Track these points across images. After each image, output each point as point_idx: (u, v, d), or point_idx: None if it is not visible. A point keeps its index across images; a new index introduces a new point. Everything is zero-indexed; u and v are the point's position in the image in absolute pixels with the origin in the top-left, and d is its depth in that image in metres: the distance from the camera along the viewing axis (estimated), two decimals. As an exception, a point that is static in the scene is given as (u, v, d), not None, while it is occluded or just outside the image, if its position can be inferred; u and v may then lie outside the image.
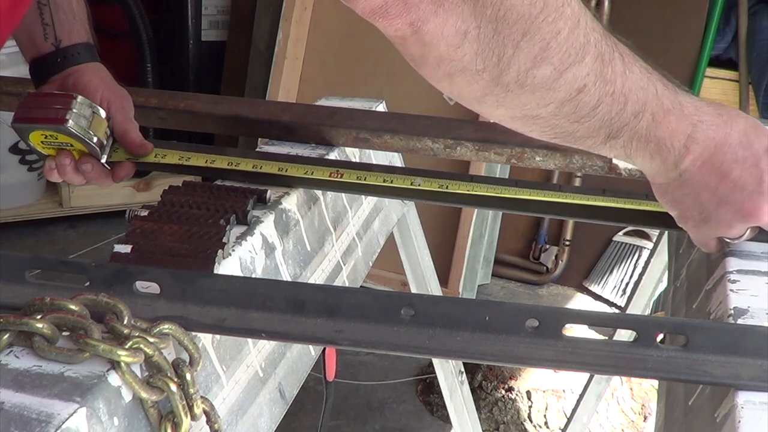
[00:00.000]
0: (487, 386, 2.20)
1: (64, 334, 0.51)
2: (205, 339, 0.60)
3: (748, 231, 0.68)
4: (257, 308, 0.58)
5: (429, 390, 2.28)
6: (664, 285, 1.30)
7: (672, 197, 0.66)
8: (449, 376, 1.53)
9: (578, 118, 0.56)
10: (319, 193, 0.87)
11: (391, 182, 0.81)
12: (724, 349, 0.54)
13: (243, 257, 0.70)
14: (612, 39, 0.55)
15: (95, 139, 0.79)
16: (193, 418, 0.53)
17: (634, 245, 2.75)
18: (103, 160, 0.81)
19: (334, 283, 0.87)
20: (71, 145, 0.79)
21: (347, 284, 0.91)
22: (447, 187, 0.81)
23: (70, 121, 0.76)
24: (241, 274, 0.69)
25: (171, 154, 0.84)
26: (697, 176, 0.63)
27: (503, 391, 2.19)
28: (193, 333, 0.57)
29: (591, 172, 0.87)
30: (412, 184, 0.81)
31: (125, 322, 0.52)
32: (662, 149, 0.61)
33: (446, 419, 1.80)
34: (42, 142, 0.79)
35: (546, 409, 2.15)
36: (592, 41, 0.52)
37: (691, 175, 0.63)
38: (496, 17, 0.48)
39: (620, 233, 2.78)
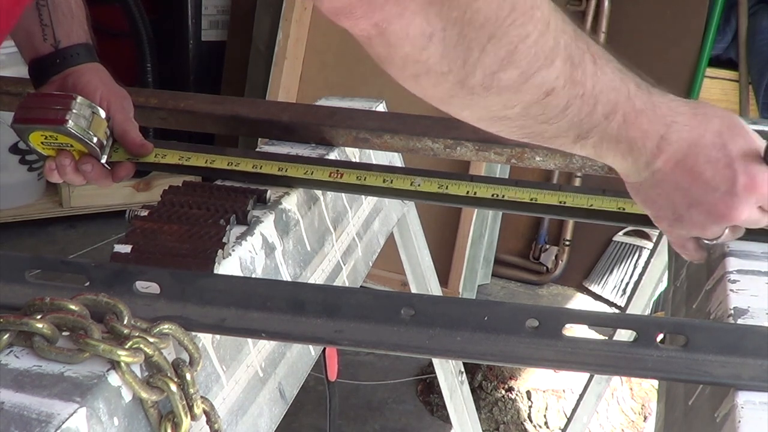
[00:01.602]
0: (487, 386, 2.20)
1: (64, 334, 0.51)
2: (205, 339, 0.60)
3: (727, 231, 0.67)
4: (257, 308, 0.58)
5: (429, 390, 2.28)
6: (664, 285, 1.29)
7: (645, 196, 0.66)
8: (449, 376, 1.53)
9: (546, 119, 0.55)
10: (319, 193, 0.87)
11: (391, 182, 0.81)
12: (724, 349, 0.54)
13: (243, 257, 0.70)
14: (584, 40, 0.55)
15: (95, 140, 0.79)
16: (193, 418, 0.53)
17: (634, 245, 2.75)
18: (103, 161, 0.81)
19: (334, 283, 0.87)
20: (71, 146, 0.79)
21: (347, 284, 0.91)
22: (447, 188, 0.81)
23: (70, 121, 0.76)
24: (241, 274, 0.69)
25: (171, 154, 0.84)
26: (670, 177, 0.63)
27: (503, 391, 2.19)
28: (193, 333, 0.57)
29: (591, 172, 0.87)
30: (411, 185, 0.81)
31: (125, 322, 0.52)
32: (634, 149, 0.61)
33: (446, 419, 1.80)
34: (42, 142, 0.79)
35: (546, 409, 2.15)
36: (562, 44, 0.52)
37: (663, 176, 0.63)
38: (462, 20, 0.48)
39: (620, 233, 2.78)
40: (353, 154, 1.01)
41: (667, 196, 0.64)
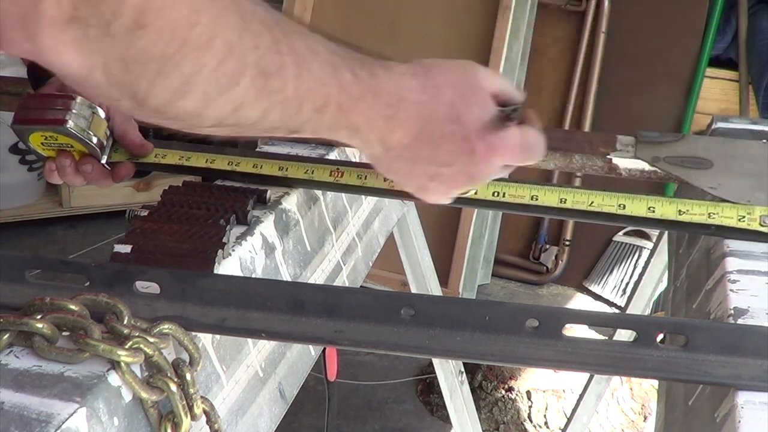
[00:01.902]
0: (487, 386, 2.20)
1: (64, 334, 0.51)
2: (205, 339, 0.60)
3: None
4: (257, 308, 0.58)
5: (429, 390, 2.28)
6: (664, 285, 1.30)
7: (387, 168, 0.66)
8: (449, 376, 1.53)
9: (246, 127, 0.55)
10: (319, 193, 0.87)
11: (392, 182, 0.81)
12: (724, 349, 0.54)
13: (243, 257, 0.70)
14: (288, 43, 0.53)
15: (95, 140, 0.79)
16: (193, 418, 0.53)
17: (634, 245, 2.75)
18: (104, 161, 0.81)
19: (334, 283, 0.87)
20: (71, 146, 0.79)
21: (347, 284, 0.91)
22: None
23: (70, 121, 0.76)
24: (241, 274, 0.69)
25: (171, 154, 0.84)
26: (406, 153, 0.63)
27: (503, 391, 2.19)
28: (193, 333, 0.57)
29: (591, 172, 0.87)
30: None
31: (125, 322, 0.52)
32: (359, 132, 0.60)
33: (446, 419, 1.80)
34: (42, 143, 0.79)
35: (546, 409, 2.15)
36: (251, 62, 0.50)
37: (399, 152, 0.63)
38: (124, 57, 0.46)
39: (620, 233, 2.78)
40: (353, 153, 1.01)
41: (408, 170, 0.64)
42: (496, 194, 0.80)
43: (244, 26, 0.50)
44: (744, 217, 0.75)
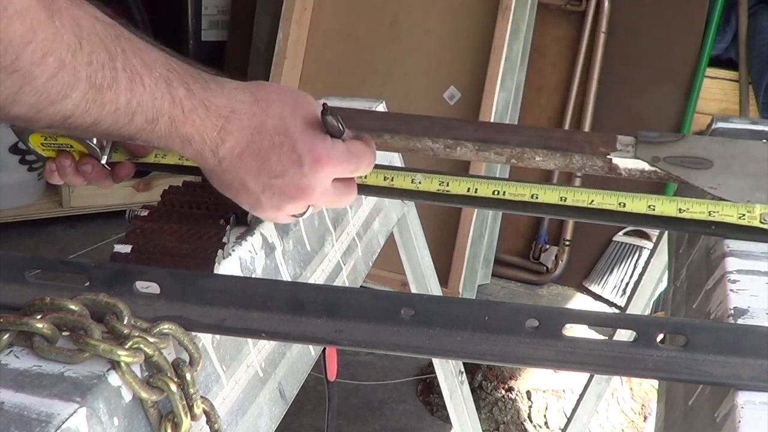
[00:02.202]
0: (487, 386, 2.20)
1: (64, 334, 0.51)
2: (205, 339, 0.60)
3: (310, 208, 0.71)
4: (257, 308, 0.58)
5: (429, 390, 2.28)
6: (664, 285, 1.30)
7: (220, 181, 0.68)
8: (449, 376, 1.53)
9: (78, 132, 0.59)
10: (319, 193, 0.87)
11: (392, 180, 0.81)
12: (724, 349, 0.54)
13: (243, 257, 0.70)
14: (123, 59, 0.57)
15: (95, 140, 0.79)
16: (193, 418, 0.53)
17: (634, 245, 2.75)
18: (104, 161, 0.81)
19: (334, 283, 0.87)
20: (71, 146, 0.79)
21: (347, 284, 0.91)
22: (448, 184, 0.81)
23: None
24: (241, 274, 0.69)
25: (170, 154, 0.84)
26: (238, 163, 0.65)
27: (503, 391, 2.19)
28: (193, 333, 0.57)
29: (591, 172, 0.87)
30: (413, 182, 0.81)
31: (125, 322, 0.52)
32: (192, 142, 0.64)
33: (446, 419, 1.80)
34: (42, 143, 0.79)
35: (546, 409, 2.15)
36: (84, 77, 0.54)
37: (231, 162, 0.66)
38: None
39: (620, 233, 2.78)
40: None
41: (240, 181, 0.67)
42: (496, 192, 0.80)
43: (79, 44, 0.54)
44: (744, 215, 0.75)
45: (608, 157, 0.85)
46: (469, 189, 0.81)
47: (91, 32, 0.55)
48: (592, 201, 0.78)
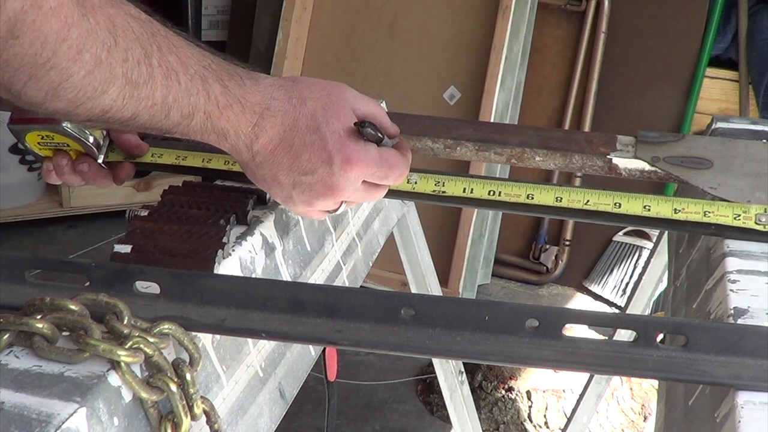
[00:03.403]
0: (487, 386, 2.20)
1: (64, 334, 0.51)
2: (205, 339, 0.60)
3: (342, 204, 0.72)
4: (257, 308, 0.58)
5: (429, 390, 2.28)
6: (664, 285, 1.30)
7: (254, 175, 0.69)
8: (449, 376, 1.53)
9: (116, 124, 0.60)
10: (319, 193, 0.87)
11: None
12: (724, 349, 0.54)
13: (243, 257, 0.70)
14: (159, 57, 0.58)
15: (91, 139, 0.79)
16: (193, 418, 0.53)
17: (634, 245, 2.75)
18: (100, 160, 0.81)
19: (334, 283, 0.87)
20: (68, 146, 0.79)
21: (347, 284, 0.91)
22: (444, 184, 0.81)
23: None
24: (241, 274, 0.69)
25: (167, 153, 0.84)
26: (270, 158, 0.67)
27: (503, 391, 2.19)
28: (193, 333, 0.57)
29: (591, 172, 0.87)
30: (408, 182, 0.81)
31: (125, 322, 0.52)
32: (227, 137, 0.65)
33: (446, 419, 1.80)
34: (39, 143, 0.79)
35: (546, 409, 2.15)
36: (120, 73, 0.56)
37: (264, 158, 0.67)
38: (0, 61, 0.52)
39: (620, 233, 2.78)
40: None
41: (273, 176, 0.68)
42: (492, 193, 0.80)
43: (114, 41, 0.55)
44: (739, 215, 0.75)
45: (608, 157, 0.85)
46: (465, 189, 0.81)
47: (126, 30, 0.56)
48: (588, 201, 0.78)
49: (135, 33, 0.57)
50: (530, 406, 2.16)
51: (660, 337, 0.55)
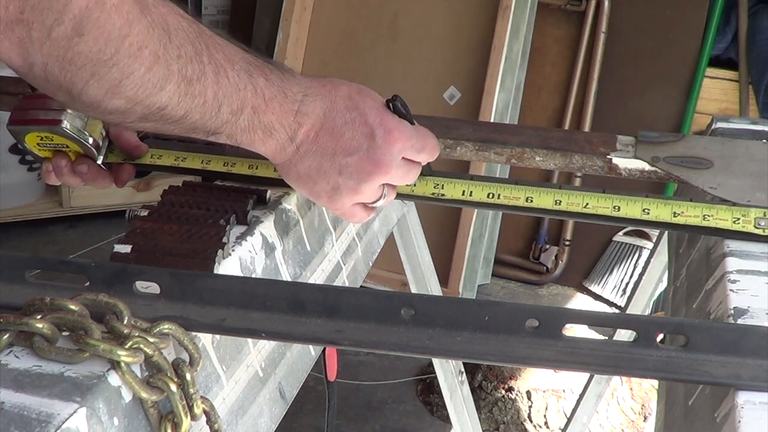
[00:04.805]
0: (487, 386, 2.20)
1: (64, 334, 0.51)
2: (205, 339, 0.60)
3: (385, 191, 0.73)
4: (257, 308, 0.58)
5: (429, 390, 2.28)
6: (664, 285, 1.30)
7: (297, 174, 0.70)
8: (449, 376, 1.53)
9: (168, 124, 0.60)
10: (319, 193, 0.87)
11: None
12: (724, 349, 0.54)
13: (243, 257, 0.70)
14: (208, 54, 0.60)
15: (91, 140, 0.79)
16: (193, 418, 0.53)
17: (634, 245, 2.75)
18: (99, 161, 0.81)
19: (334, 283, 0.87)
20: (67, 147, 0.79)
21: (347, 284, 0.91)
22: (443, 187, 0.81)
23: (65, 121, 0.76)
24: (241, 274, 0.69)
25: (167, 155, 0.84)
26: (314, 146, 0.68)
27: (503, 391, 2.19)
28: (193, 333, 0.57)
29: (591, 172, 0.87)
30: (407, 185, 0.81)
31: (125, 322, 0.52)
32: (273, 131, 0.66)
33: (446, 419, 1.80)
34: (38, 144, 0.79)
35: (546, 409, 2.15)
36: (176, 70, 0.57)
37: (308, 147, 0.68)
38: (63, 59, 0.52)
39: (620, 233, 2.78)
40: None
41: (317, 167, 0.69)
42: (491, 195, 0.80)
43: (169, 39, 0.56)
44: (739, 219, 0.75)
45: (608, 157, 0.85)
46: (464, 192, 0.81)
47: (178, 28, 0.57)
48: (587, 204, 0.78)
49: (185, 31, 0.58)
50: (530, 406, 2.16)
51: (660, 337, 0.55)
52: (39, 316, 0.51)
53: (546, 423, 2.14)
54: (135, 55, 0.54)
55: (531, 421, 2.15)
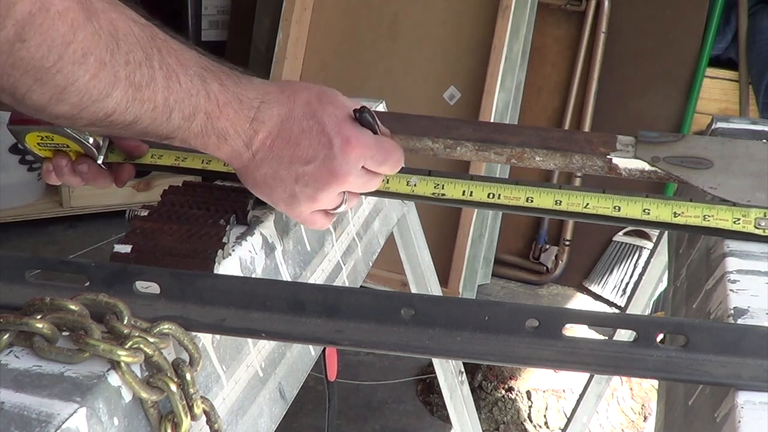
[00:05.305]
0: (487, 386, 2.20)
1: (64, 334, 0.51)
2: (205, 339, 0.60)
3: (346, 197, 0.71)
4: (257, 308, 0.58)
5: (429, 390, 2.28)
6: (664, 285, 1.30)
7: (254, 180, 0.69)
8: (449, 376, 1.53)
9: (118, 129, 0.60)
10: (319, 193, 0.87)
11: (387, 182, 0.80)
12: (724, 349, 0.54)
13: (243, 257, 0.70)
14: (159, 59, 0.59)
15: (91, 140, 0.79)
16: (193, 418, 0.53)
17: (634, 245, 2.75)
18: (100, 161, 0.81)
19: (334, 283, 0.87)
20: (67, 146, 0.79)
21: (347, 284, 0.91)
22: (443, 187, 0.81)
23: None
24: (241, 274, 0.69)
25: (167, 155, 0.84)
26: (270, 154, 0.67)
27: (503, 391, 2.19)
28: (193, 333, 0.57)
29: (591, 172, 0.87)
30: (408, 184, 0.81)
31: (125, 322, 0.52)
32: (227, 137, 0.65)
33: (446, 419, 1.80)
34: (38, 143, 0.79)
35: (546, 409, 2.15)
36: (123, 76, 0.56)
37: (264, 154, 0.67)
38: (4, 63, 0.51)
39: (620, 233, 2.78)
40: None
41: (274, 175, 0.68)
42: (491, 196, 0.80)
43: (117, 45, 0.55)
44: (739, 219, 0.75)
45: (608, 157, 0.85)
46: (464, 192, 0.81)
47: (128, 33, 0.56)
48: (587, 204, 0.78)
49: (136, 36, 0.57)
50: (530, 406, 2.16)
51: (660, 337, 0.55)
52: (39, 316, 0.51)
53: (546, 423, 2.14)
54: (79, 62, 0.53)
55: (531, 421, 2.15)
